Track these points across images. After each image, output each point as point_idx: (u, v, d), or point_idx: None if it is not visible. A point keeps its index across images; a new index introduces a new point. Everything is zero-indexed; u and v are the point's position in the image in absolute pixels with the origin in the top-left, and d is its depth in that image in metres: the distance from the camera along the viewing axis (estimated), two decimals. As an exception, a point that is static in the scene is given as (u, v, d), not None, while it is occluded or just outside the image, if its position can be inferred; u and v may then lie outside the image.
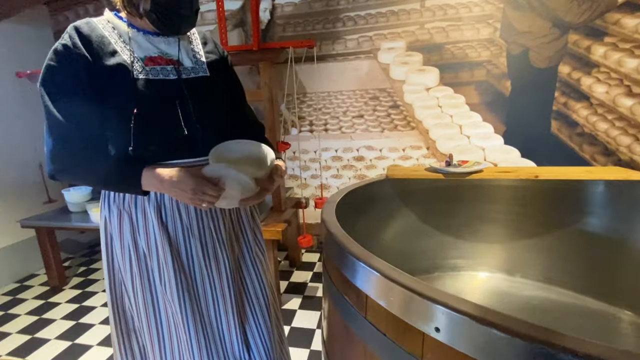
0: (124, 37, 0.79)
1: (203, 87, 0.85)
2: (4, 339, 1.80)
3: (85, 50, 0.74)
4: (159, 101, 0.78)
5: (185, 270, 0.84)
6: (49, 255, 2.23)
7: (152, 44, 0.81)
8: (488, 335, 0.39)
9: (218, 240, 0.87)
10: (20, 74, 2.33)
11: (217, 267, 0.87)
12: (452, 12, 2.14)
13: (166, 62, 0.81)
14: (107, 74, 0.75)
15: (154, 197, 0.81)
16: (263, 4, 2.36)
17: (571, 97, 2.06)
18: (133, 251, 0.83)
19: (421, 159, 2.36)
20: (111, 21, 0.81)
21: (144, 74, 0.77)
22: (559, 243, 1.37)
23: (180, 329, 0.86)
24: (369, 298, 0.56)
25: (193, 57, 0.86)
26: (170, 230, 0.82)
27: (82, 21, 0.78)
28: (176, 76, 0.81)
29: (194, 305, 0.86)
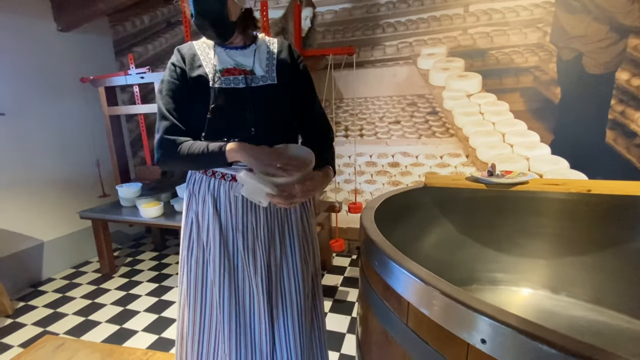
0: (210, 55, 0.96)
1: (268, 94, 0.95)
2: (62, 319, 1.98)
3: (183, 63, 0.94)
4: (228, 106, 0.92)
5: (230, 257, 0.97)
6: (102, 244, 2.43)
7: (230, 58, 0.96)
8: (538, 350, 0.39)
9: (257, 237, 0.96)
10: (84, 79, 2.57)
11: (254, 262, 0.96)
12: (498, 17, 2.08)
13: (239, 72, 0.94)
14: (194, 83, 0.93)
15: (212, 186, 0.96)
16: (304, 12, 2.43)
17: (630, 106, 1.92)
18: (195, 226, 0.99)
19: (459, 167, 2.30)
20: (205, 42, 0.99)
21: (219, 83, 0.92)
22: (611, 262, 1.28)
23: (218, 311, 0.97)
24: (411, 305, 0.57)
25: (266, 66, 0.97)
26: (222, 219, 0.96)
27: (186, 44, 0.99)
28: (245, 84, 0.93)
29: (232, 288, 0.97)
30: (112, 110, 2.55)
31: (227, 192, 0.95)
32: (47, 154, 2.53)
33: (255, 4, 1.01)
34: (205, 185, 0.97)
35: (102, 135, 2.76)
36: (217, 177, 0.96)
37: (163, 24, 2.86)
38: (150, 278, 2.45)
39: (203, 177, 0.98)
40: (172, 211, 2.32)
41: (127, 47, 3.02)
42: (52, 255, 2.55)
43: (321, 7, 2.41)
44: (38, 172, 2.47)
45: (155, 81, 2.34)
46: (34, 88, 2.44)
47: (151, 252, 2.91)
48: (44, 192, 2.51)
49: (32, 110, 2.43)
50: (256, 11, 2.87)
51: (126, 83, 2.41)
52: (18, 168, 2.35)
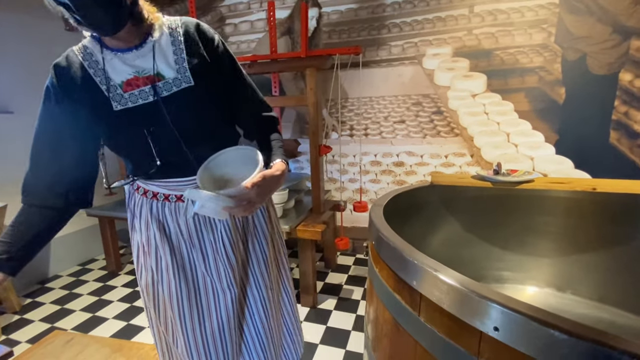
0: (100, 64, 0.73)
1: (188, 101, 0.75)
2: (69, 315, 2.00)
3: (63, 88, 0.72)
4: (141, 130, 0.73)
5: (187, 277, 0.86)
6: (109, 242, 2.45)
7: (126, 64, 0.73)
8: (549, 336, 0.40)
9: (218, 252, 0.86)
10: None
11: (217, 276, 0.87)
12: (503, 18, 2.09)
13: (144, 81, 0.73)
14: (89, 110, 0.73)
15: (156, 212, 0.83)
16: (310, 12, 2.45)
17: (633, 106, 1.93)
18: (142, 251, 0.87)
19: (464, 166, 2.32)
20: (87, 46, 0.75)
21: (122, 103, 0.72)
22: (617, 260, 1.29)
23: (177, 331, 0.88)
24: (424, 297, 0.58)
25: (175, 63, 0.75)
26: (174, 240, 0.84)
27: (62, 56, 0.75)
28: (155, 97, 0.73)
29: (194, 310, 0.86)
30: (119, 109, 2.57)
31: (174, 214, 0.82)
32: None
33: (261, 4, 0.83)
34: (147, 209, 0.83)
35: (109, 134, 2.78)
36: (160, 199, 0.83)
37: (169, 24, 2.88)
38: (156, 275, 2.47)
39: (143, 200, 0.84)
40: (178, 209, 2.34)
41: (133, 46, 3.04)
42: (59, 253, 2.57)
43: (327, 8, 2.43)
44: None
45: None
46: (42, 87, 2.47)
47: (156, 250, 2.94)
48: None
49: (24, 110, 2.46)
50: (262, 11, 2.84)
51: (133, 82, 2.43)
52: (26, 166, 2.37)
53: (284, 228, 1.85)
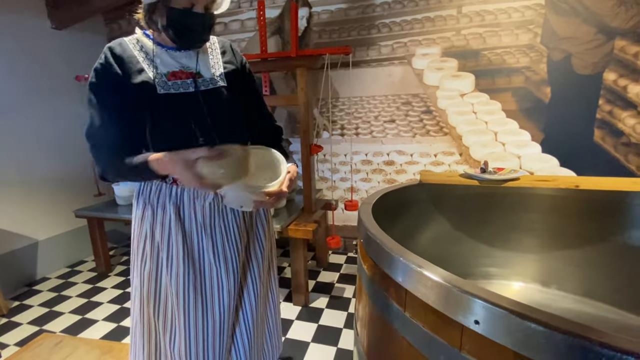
0: (150, 55, 0.86)
1: (220, 97, 0.90)
2: (58, 318, 1.98)
3: (118, 68, 0.83)
4: (180, 114, 0.85)
5: (195, 266, 0.91)
6: (98, 243, 2.42)
7: (174, 60, 0.88)
8: (527, 329, 0.42)
9: (228, 240, 0.93)
10: (78, 77, 2.56)
11: (225, 265, 0.93)
12: (490, 18, 2.13)
13: (187, 75, 0.87)
14: (135, 90, 0.83)
15: (174, 194, 0.90)
16: (300, 12, 2.45)
17: (617, 105, 1.98)
18: (149, 240, 0.91)
19: (453, 165, 2.35)
20: (140, 40, 0.88)
21: (165, 89, 0.85)
22: (599, 256, 1.33)
23: (175, 321, 0.92)
24: (409, 292, 0.60)
25: (212, 68, 0.92)
26: (187, 226, 0.90)
27: (116, 42, 0.87)
28: (195, 88, 0.87)
29: (199, 301, 0.91)
30: (107, 108, 2.54)
31: (192, 198, 0.90)
32: (42, 153, 2.51)
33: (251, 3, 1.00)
34: (165, 193, 0.90)
35: (97, 134, 2.74)
36: (179, 184, 0.90)
37: (158, 23, 2.86)
38: (147, 276, 2.45)
39: (162, 185, 0.91)
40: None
41: (122, 45, 3.01)
42: (47, 254, 2.54)
43: (317, 7, 2.44)
44: (33, 171, 2.45)
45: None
46: (29, 86, 2.43)
47: (147, 251, 2.91)
48: (39, 191, 2.49)
49: (26, 108, 2.42)
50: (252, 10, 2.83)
51: (122, 81, 2.41)
52: (13, 167, 2.34)
53: (275, 227, 1.85)
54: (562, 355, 0.40)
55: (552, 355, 0.41)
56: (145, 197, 0.93)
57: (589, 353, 0.38)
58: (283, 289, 2.18)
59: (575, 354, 0.39)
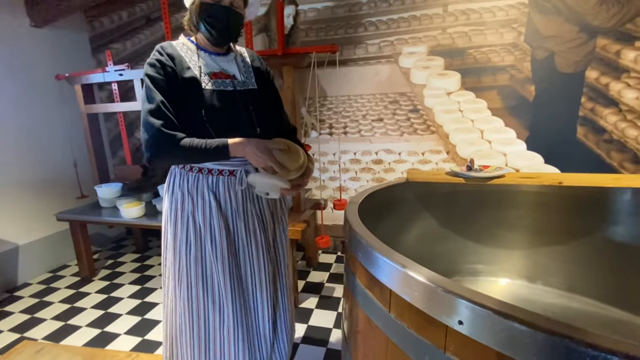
0: (194, 57, 1.02)
1: (253, 97, 1.06)
2: (40, 325, 1.91)
3: (172, 62, 0.97)
4: (221, 106, 0.99)
5: (232, 244, 1.04)
6: (81, 247, 2.35)
7: (215, 62, 1.04)
8: (510, 328, 0.41)
9: (258, 223, 1.08)
10: (59, 76, 2.49)
11: (255, 245, 1.07)
12: (476, 17, 2.14)
13: (225, 76, 1.03)
14: (184, 84, 0.96)
15: (211, 183, 1.02)
16: (287, 10, 2.43)
17: (599, 103, 2.01)
18: (192, 227, 1.02)
19: (440, 163, 2.36)
20: (185, 44, 1.04)
21: (210, 85, 0.99)
22: (583, 251, 1.35)
23: (223, 299, 1.04)
24: (393, 293, 0.59)
25: (245, 73, 1.09)
26: (224, 210, 1.03)
27: (166, 43, 1.02)
28: (233, 88, 1.02)
29: (235, 278, 1.04)
30: (89, 108, 2.48)
31: (226, 186, 1.02)
32: (21, 155, 2.43)
33: None
34: (203, 183, 1.02)
35: (80, 135, 2.67)
36: (215, 174, 1.02)
37: (142, 20, 2.80)
38: (133, 280, 2.40)
39: (199, 176, 1.02)
40: (154, 211, 2.28)
41: (104, 43, 2.93)
42: (28, 260, 2.46)
43: (304, 5, 2.42)
44: (12, 173, 2.37)
45: (134, 78, 2.28)
46: (7, 86, 2.35)
47: (133, 254, 2.85)
48: (19, 194, 2.41)
49: (5, 109, 2.34)
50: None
51: (104, 80, 2.35)
52: (16, 173, 2.26)
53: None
54: (545, 355, 0.39)
55: (535, 355, 0.40)
56: (183, 188, 1.04)
57: (573, 353, 0.38)
58: (272, 289, 2.16)
59: (559, 354, 0.39)
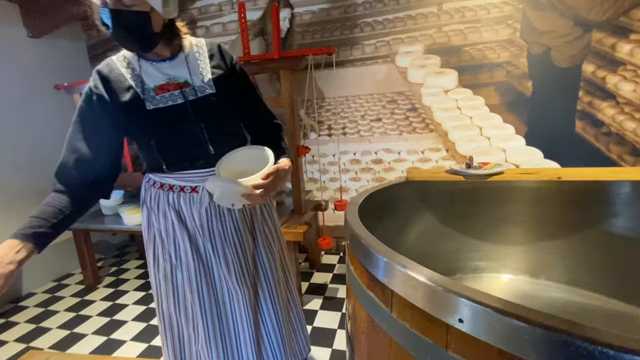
0: (136, 70, 0.87)
1: (210, 105, 0.89)
2: (46, 334, 1.93)
3: (104, 90, 0.85)
4: (169, 128, 0.87)
5: (204, 263, 0.96)
6: (85, 255, 2.37)
7: (160, 72, 0.88)
8: (509, 325, 0.42)
9: (227, 243, 0.96)
10: (58, 86, 2.50)
11: (226, 266, 0.96)
12: (470, 15, 2.15)
13: (174, 87, 0.87)
14: (125, 109, 0.85)
15: (172, 200, 0.93)
16: (282, 13, 2.44)
17: (596, 96, 2.02)
18: (159, 243, 0.97)
19: (440, 161, 2.37)
20: (126, 56, 0.89)
21: (154, 103, 0.85)
22: (584, 245, 1.35)
23: (198, 322, 0.97)
24: (394, 293, 0.60)
25: (200, 74, 0.90)
26: (190, 228, 0.95)
27: (104, 63, 0.89)
28: (183, 100, 0.87)
29: (211, 295, 0.96)
30: (89, 117, 2.49)
31: (188, 204, 0.93)
32: (22, 164, 2.45)
33: (233, 6, 1.00)
34: (164, 200, 0.94)
35: (80, 144, 2.68)
36: (176, 191, 0.93)
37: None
38: (137, 287, 2.41)
39: (160, 193, 0.95)
40: (157, 217, 2.29)
41: (102, 52, 2.95)
42: (32, 269, 2.47)
43: (299, 8, 2.43)
44: (13, 183, 2.39)
45: (133, 86, 2.29)
46: (6, 97, 2.36)
47: (136, 261, 2.86)
48: (21, 203, 2.42)
49: (5, 119, 2.35)
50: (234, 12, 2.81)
51: (103, 89, 2.36)
52: (11, 181, 2.27)
53: (265, 231, 1.83)
54: (544, 350, 0.40)
55: (534, 350, 0.41)
56: (147, 203, 0.98)
57: (570, 347, 0.38)
58: (276, 292, 2.16)
59: (557, 349, 0.39)
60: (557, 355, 0.39)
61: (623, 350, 0.35)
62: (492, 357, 0.45)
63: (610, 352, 0.36)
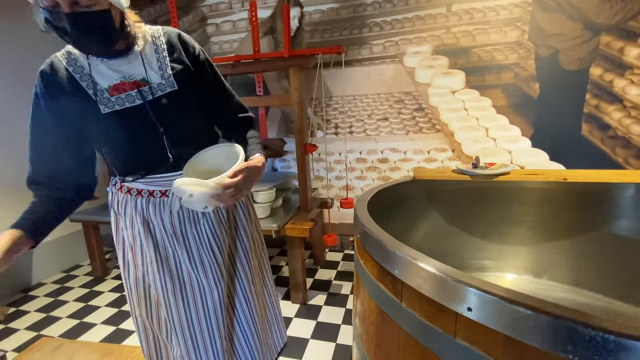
0: (86, 69, 0.77)
1: (171, 104, 0.80)
2: (56, 323, 1.97)
3: (49, 95, 0.76)
4: (126, 133, 0.79)
5: (172, 273, 0.89)
6: (94, 247, 2.41)
7: (112, 70, 0.77)
8: (516, 312, 0.45)
9: (203, 246, 0.89)
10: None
11: (203, 271, 0.90)
12: (479, 16, 2.16)
13: (130, 86, 0.77)
14: (76, 114, 0.77)
15: (139, 206, 0.86)
16: (292, 11, 2.46)
17: (603, 100, 2.03)
18: (128, 248, 0.92)
19: (446, 161, 2.38)
20: (72, 53, 0.79)
21: (109, 106, 0.76)
22: (588, 246, 1.37)
23: (170, 330, 0.93)
24: (405, 284, 0.62)
25: (159, 69, 0.80)
26: (158, 238, 0.87)
27: (46, 63, 0.78)
28: (142, 100, 0.77)
29: (180, 305, 0.90)
30: (100, 112, 2.53)
31: (158, 210, 0.86)
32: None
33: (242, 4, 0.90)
34: (131, 206, 0.87)
35: (90, 138, 2.72)
36: (145, 196, 0.86)
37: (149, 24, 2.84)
38: (144, 279, 2.45)
39: (128, 197, 0.87)
40: (165, 211, 2.32)
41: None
42: (42, 260, 2.52)
43: (309, 7, 2.46)
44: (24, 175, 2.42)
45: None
46: (18, 91, 2.40)
47: (143, 254, 2.90)
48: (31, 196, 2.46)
49: (18, 113, 2.40)
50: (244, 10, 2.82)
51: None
52: (4, 172, 2.31)
53: (272, 227, 1.87)
54: (548, 336, 0.43)
55: (539, 336, 0.43)
56: (114, 208, 0.91)
57: (573, 333, 0.41)
58: (281, 287, 2.20)
59: (561, 334, 0.42)
60: (561, 340, 0.41)
61: (623, 335, 0.37)
62: (499, 343, 0.47)
63: (611, 337, 0.38)
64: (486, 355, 0.49)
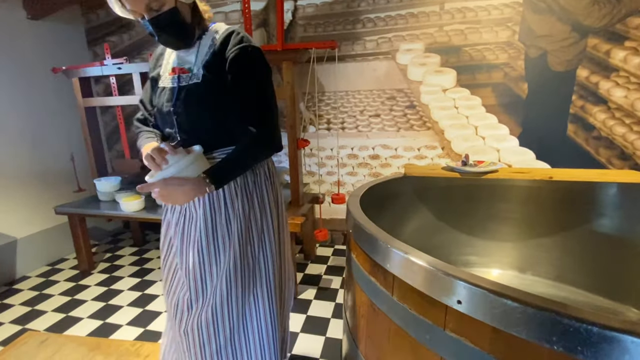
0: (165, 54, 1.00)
1: (193, 94, 0.88)
2: (41, 316, 1.94)
3: (151, 64, 1.04)
4: (162, 106, 0.95)
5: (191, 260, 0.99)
6: (80, 240, 2.37)
7: (179, 56, 0.95)
8: (504, 305, 0.46)
9: (185, 235, 0.98)
10: (55, 69, 2.47)
11: (181, 260, 0.99)
12: (471, 15, 2.18)
13: (177, 71, 0.92)
14: (154, 83, 1.00)
15: None
16: (286, 5, 2.44)
17: (588, 101, 2.08)
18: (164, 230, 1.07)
19: (436, 158, 2.42)
20: None
21: (163, 83, 0.96)
22: (571, 243, 1.41)
23: None
24: (396, 277, 0.63)
25: (201, 62, 0.90)
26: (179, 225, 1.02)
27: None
28: (176, 84, 0.92)
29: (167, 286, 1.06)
30: (87, 102, 2.48)
31: None
32: (19, 148, 2.42)
33: None
34: None
35: (77, 128, 2.67)
36: None
37: (139, 14, 2.78)
38: (132, 273, 2.42)
39: None
40: (154, 205, 2.30)
41: (100, 36, 2.92)
42: (26, 253, 2.46)
43: (302, 1, 2.44)
44: (9, 166, 2.36)
45: (133, 72, 2.28)
46: (3, 79, 2.33)
47: (131, 248, 2.87)
48: (17, 187, 2.40)
49: (1, 102, 2.32)
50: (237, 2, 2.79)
51: (102, 74, 2.35)
52: (5, 167, 2.25)
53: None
54: (534, 327, 0.44)
55: (526, 328, 0.45)
56: None
57: (558, 325, 0.43)
58: (271, 282, 2.20)
59: (546, 326, 0.43)
60: (546, 331, 0.43)
61: (606, 327, 0.39)
62: (487, 335, 0.49)
63: (594, 329, 0.40)
64: (475, 347, 0.51)
